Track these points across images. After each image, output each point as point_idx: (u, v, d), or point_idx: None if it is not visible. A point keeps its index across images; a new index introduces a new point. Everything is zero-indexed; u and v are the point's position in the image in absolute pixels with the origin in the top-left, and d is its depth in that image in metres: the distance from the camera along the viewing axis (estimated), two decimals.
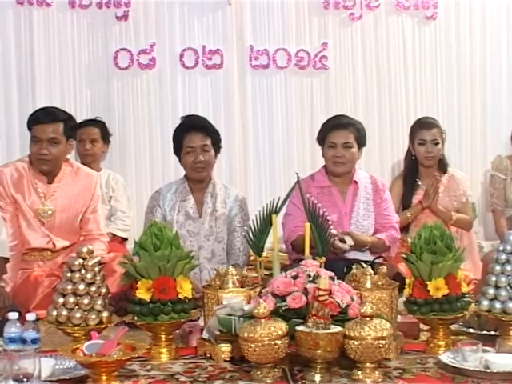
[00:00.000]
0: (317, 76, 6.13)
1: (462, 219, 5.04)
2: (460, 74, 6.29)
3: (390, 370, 2.98)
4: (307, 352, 2.80)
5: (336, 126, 4.43)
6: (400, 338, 3.21)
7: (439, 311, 3.19)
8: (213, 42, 6.01)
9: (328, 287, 2.87)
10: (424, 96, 6.25)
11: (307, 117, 6.09)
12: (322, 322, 2.79)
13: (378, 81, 6.17)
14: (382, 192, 4.50)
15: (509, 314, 3.16)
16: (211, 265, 4.21)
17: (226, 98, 6.03)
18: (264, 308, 2.82)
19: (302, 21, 6.11)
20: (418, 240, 3.25)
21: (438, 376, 2.92)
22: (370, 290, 3.15)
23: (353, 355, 2.80)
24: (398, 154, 6.01)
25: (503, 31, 6.32)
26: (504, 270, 3.22)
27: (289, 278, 3.05)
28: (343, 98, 6.12)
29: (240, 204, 4.39)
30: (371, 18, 6.18)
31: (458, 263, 3.25)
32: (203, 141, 4.28)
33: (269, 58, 6.05)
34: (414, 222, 4.97)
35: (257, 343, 2.76)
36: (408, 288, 3.28)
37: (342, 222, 4.39)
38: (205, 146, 4.27)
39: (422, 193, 5.01)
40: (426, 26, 6.23)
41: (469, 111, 6.31)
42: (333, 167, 4.44)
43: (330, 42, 6.13)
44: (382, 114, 6.17)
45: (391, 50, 6.19)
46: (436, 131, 5.05)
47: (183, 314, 3.16)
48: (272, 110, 6.07)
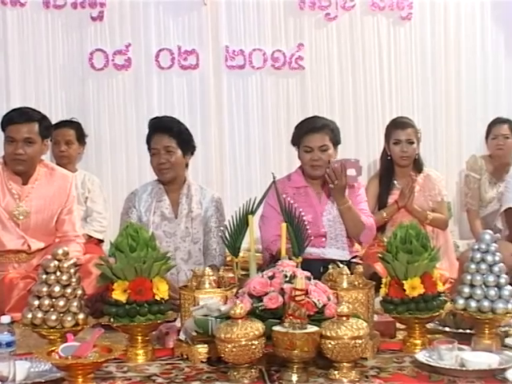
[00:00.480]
0: (293, 76, 6.14)
1: (437, 218, 5.07)
2: (435, 73, 6.33)
3: (367, 369, 2.99)
4: (284, 352, 2.80)
5: (311, 130, 4.43)
6: (376, 338, 3.22)
7: (415, 310, 3.19)
8: (188, 42, 6.01)
9: (304, 287, 2.87)
10: (399, 96, 6.28)
11: (283, 117, 6.10)
12: (298, 322, 2.79)
13: (354, 81, 6.19)
14: (356, 190, 4.52)
15: (484, 313, 3.17)
16: (188, 266, 4.20)
17: (201, 99, 6.02)
18: (241, 308, 2.82)
19: (278, 21, 6.13)
20: (393, 239, 3.25)
21: (415, 375, 2.93)
22: (346, 290, 3.15)
23: (329, 355, 2.80)
24: (373, 154, 6.03)
25: (477, 31, 6.38)
26: (479, 269, 3.23)
27: (265, 278, 3.05)
28: (319, 99, 6.14)
29: (216, 204, 4.38)
30: (346, 18, 6.20)
31: (434, 262, 3.26)
32: (167, 142, 4.25)
33: (244, 58, 6.06)
34: (389, 222, 4.99)
35: (233, 344, 2.76)
36: (384, 287, 3.29)
37: (317, 222, 4.41)
38: (169, 148, 4.25)
39: (397, 192, 5.03)
40: (401, 26, 6.27)
41: (444, 111, 6.35)
42: (310, 171, 4.46)
43: (306, 42, 6.15)
44: (357, 114, 6.20)
45: (367, 50, 6.22)
46: (411, 131, 5.07)
47: (160, 316, 3.14)
48: (248, 111, 6.07)
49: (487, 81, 6.43)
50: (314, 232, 4.30)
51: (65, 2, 5.85)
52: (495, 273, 3.22)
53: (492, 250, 3.25)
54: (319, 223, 4.42)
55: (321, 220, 4.43)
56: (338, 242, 4.47)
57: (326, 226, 4.43)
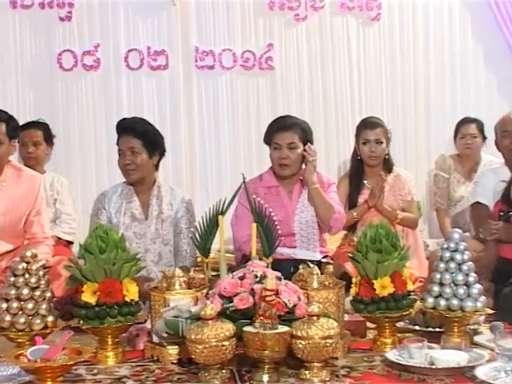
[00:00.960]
0: (262, 76, 6.16)
1: (407, 218, 5.09)
2: (404, 74, 6.38)
3: (338, 368, 2.99)
4: (255, 352, 2.80)
5: (281, 128, 4.46)
6: (347, 337, 3.23)
7: (385, 309, 3.21)
8: (158, 42, 6.00)
9: (275, 287, 2.87)
10: (369, 96, 6.32)
11: (253, 117, 6.11)
12: (269, 323, 2.79)
13: (324, 81, 6.22)
14: (327, 186, 4.54)
15: (453, 311, 3.19)
16: (158, 267, 4.18)
17: (171, 99, 6.02)
18: (211, 309, 2.81)
19: (248, 21, 6.14)
20: (363, 239, 3.27)
21: (385, 373, 2.94)
22: (316, 290, 3.15)
23: (300, 355, 2.80)
24: (343, 154, 6.07)
25: (446, 31, 6.44)
26: (448, 268, 3.25)
27: (236, 278, 3.05)
28: (289, 99, 6.16)
29: (186, 206, 4.36)
30: (316, 18, 6.24)
31: (404, 261, 3.27)
32: (132, 143, 4.22)
33: (214, 58, 6.06)
34: (360, 222, 4.99)
35: (204, 345, 2.75)
36: (354, 287, 3.30)
37: (288, 221, 4.42)
38: (133, 149, 4.22)
39: (367, 192, 5.04)
40: (370, 26, 6.31)
41: (413, 111, 6.41)
42: (279, 170, 4.47)
43: (276, 42, 6.17)
44: (327, 115, 6.23)
45: (336, 51, 6.25)
46: (380, 131, 5.08)
47: (130, 317, 3.12)
48: (218, 111, 6.07)
49: (455, 80, 6.49)
50: (285, 231, 4.32)
51: (32, 2, 5.81)
52: (464, 271, 3.24)
53: (461, 248, 3.28)
54: (290, 222, 4.43)
55: (292, 219, 4.45)
56: (310, 244, 4.49)
57: (297, 225, 4.45)
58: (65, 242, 5.18)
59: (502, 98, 6.52)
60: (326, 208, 4.42)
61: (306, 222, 4.47)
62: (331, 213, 4.42)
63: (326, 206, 4.42)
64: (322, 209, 4.43)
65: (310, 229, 4.48)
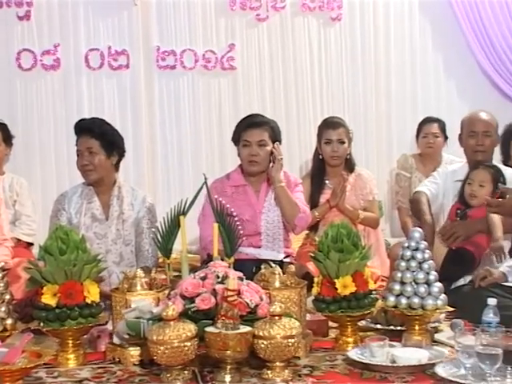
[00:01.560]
0: (224, 77, 6.15)
1: (368, 217, 5.11)
2: (365, 73, 6.42)
3: (300, 368, 3.00)
4: (217, 353, 2.79)
5: (250, 125, 4.48)
6: (309, 336, 3.24)
7: (347, 308, 3.22)
8: (119, 42, 5.96)
9: (237, 287, 2.86)
10: (330, 96, 6.35)
11: (215, 117, 6.10)
12: (231, 323, 2.78)
13: (285, 81, 6.24)
14: (293, 186, 4.56)
15: (414, 309, 3.22)
16: (120, 268, 4.14)
17: (132, 99, 5.99)
18: (173, 310, 2.79)
19: (209, 22, 6.13)
20: (325, 239, 3.28)
21: (347, 372, 2.95)
22: (278, 290, 3.15)
23: (262, 355, 2.80)
24: (305, 154, 6.08)
25: (406, 31, 6.50)
26: (409, 267, 3.27)
27: (197, 279, 3.03)
28: (251, 99, 6.16)
29: (147, 206, 4.34)
30: (277, 18, 6.25)
31: (365, 261, 3.29)
32: (89, 144, 4.20)
33: (176, 58, 6.05)
34: (322, 221, 5.01)
35: (166, 345, 2.73)
36: (316, 286, 3.31)
37: (255, 220, 4.44)
38: (91, 149, 4.19)
39: (329, 192, 5.05)
40: (331, 26, 6.34)
41: (374, 110, 6.44)
42: (248, 166, 4.48)
43: (237, 42, 6.17)
44: (289, 115, 6.24)
45: (297, 51, 6.27)
46: (342, 131, 5.09)
47: (91, 319, 3.09)
48: (179, 111, 6.06)
49: (416, 80, 6.55)
50: (252, 230, 4.37)
51: None
52: (425, 270, 3.27)
53: (422, 247, 3.30)
54: (257, 222, 4.45)
55: (259, 218, 4.47)
56: (275, 244, 4.49)
57: (263, 224, 4.46)
58: (25, 244, 5.12)
59: (461, 98, 6.59)
60: (291, 207, 4.43)
61: (273, 221, 4.48)
62: (296, 212, 4.43)
63: (292, 204, 4.43)
64: (288, 207, 4.44)
65: (275, 228, 4.49)
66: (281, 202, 4.45)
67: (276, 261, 3.92)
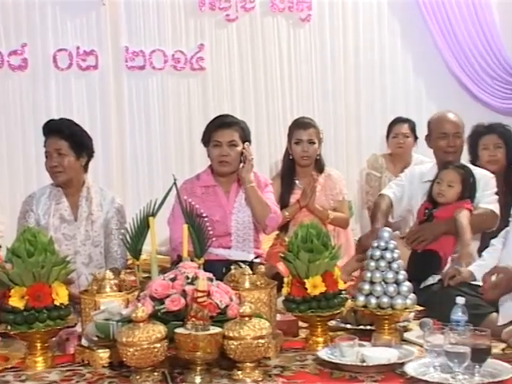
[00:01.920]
0: (194, 77, 6.15)
1: (338, 217, 5.13)
2: (335, 74, 6.44)
3: (270, 368, 2.99)
4: (187, 354, 2.78)
5: (221, 125, 4.47)
6: (279, 337, 3.24)
7: (317, 308, 3.23)
8: (87, 42, 5.93)
9: (206, 288, 2.86)
10: (300, 96, 6.37)
11: (185, 118, 6.09)
12: (201, 324, 2.77)
13: (255, 81, 6.24)
14: (263, 186, 4.57)
15: (383, 309, 3.23)
16: (89, 270, 4.12)
17: (101, 100, 5.96)
18: (142, 311, 2.78)
19: (178, 22, 6.12)
20: (295, 239, 3.28)
21: (317, 372, 2.95)
22: (248, 290, 3.15)
23: (233, 355, 2.80)
24: (275, 155, 6.09)
25: (375, 32, 6.53)
26: (378, 266, 3.28)
27: (167, 280, 3.02)
28: (220, 99, 6.16)
29: (117, 207, 4.31)
30: (247, 19, 6.25)
31: (335, 260, 3.30)
32: (58, 145, 4.17)
33: (145, 59, 6.03)
34: (292, 222, 5.01)
35: (135, 347, 2.72)
36: (286, 287, 3.31)
37: (226, 221, 4.44)
38: (60, 150, 4.16)
39: (299, 192, 5.06)
40: (300, 27, 6.36)
41: (344, 111, 6.47)
42: (219, 167, 4.47)
43: (207, 42, 6.17)
44: (258, 115, 6.24)
45: (267, 51, 6.28)
46: (312, 131, 5.11)
47: (59, 321, 3.07)
48: (149, 112, 6.04)
49: (385, 81, 6.58)
50: (222, 231, 4.37)
51: None
52: (394, 269, 3.28)
53: (391, 247, 3.32)
54: (228, 222, 4.45)
55: (230, 219, 4.46)
56: (245, 245, 4.49)
57: (233, 225, 4.46)
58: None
59: (429, 98, 6.64)
60: (261, 207, 4.44)
61: (243, 222, 4.48)
62: (267, 212, 4.44)
63: (262, 205, 4.44)
64: (258, 208, 4.44)
65: (246, 229, 4.49)
66: (251, 202, 4.45)
67: (246, 261, 3.92)
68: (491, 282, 3.33)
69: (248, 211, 4.48)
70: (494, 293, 3.29)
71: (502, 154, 5.02)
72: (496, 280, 3.32)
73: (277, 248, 4.80)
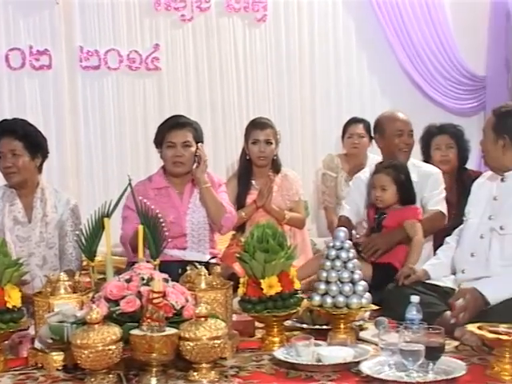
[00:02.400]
0: (149, 77, 6.12)
1: (294, 218, 5.14)
2: (290, 74, 6.46)
3: (226, 368, 2.99)
4: (142, 356, 2.77)
5: (174, 126, 4.46)
6: (235, 337, 3.23)
7: (273, 308, 3.23)
8: (40, 42, 5.86)
9: (162, 289, 2.84)
10: (256, 97, 6.37)
11: (140, 118, 6.06)
12: (156, 325, 2.76)
13: (211, 82, 6.23)
14: (217, 186, 4.56)
15: (339, 308, 3.24)
16: (43, 271, 4.08)
17: (55, 100, 5.90)
18: (97, 313, 2.75)
19: (133, 21, 6.08)
20: (250, 239, 3.28)
21: (273, 372, 2.96)
22: (204, 291, 3.15)
23: (188, 356, 2.79)
24: (231, 155, 6.09)
25: (330, 32, 6.56)
26: (334, 266, 3.29)
27: (122, 281, 3.00)
28: (176, 99, 6.14)
29: (71, 208, 4.28)
30: (202, 19, 6.24)
31: (291, 261, 3.31)
32: (12, 146, 4.12)
33: (100, 59, 5.98)
34: (248, 222, 5.01)
35: (90, 349, 2.69)
36: (242, 287, 3.31)
37: (180, 222, 4.42)
38: (14, 151, 4.12)
39: (256, 192, 5.07)
40: (256, 27, 6.36)
41: (299, 111, 6.49)
42: (173, 168, 4.45)
43: (162, 43, 6.14)
44: (214, 115, 6.24)
45: (223, 52, 6.27)
46: (270, 131, 5.11)
47: (12, 324, 3.02)
48: (104, 112, 5.99)
49: (340, 81, 6.62)
50: (177, 232, 4.34)
51: None
52: (349, 269, 3.29)
53: (346, 246, 3.33)
54: (182, 223, 4.43)
55: (184, 220, 4.45)
56: (201, 246, 4.49)
57: (188, 225, 4.45)
58: None
59: (384, 97, 6.69)
60: (217, 207, 4.43)
61: (198, 222, 4.47)
62: (222, 212, 4.44)
63: (217, 205, 4.43)
64: (213, 208, 4.44)
65: (201, 230, 4.49)
66: (206, 202, 4.44)
67: (202, 262, 3.91)
68: (459, 305, 3.35)
69: (203, 212, 4.47)
70: (464, 316, 3.31)
71: (453, 154, 5.09)
72: (463, 302, 3.34)
73: (233, 248, 4.80)
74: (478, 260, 3.64)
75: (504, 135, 3.60)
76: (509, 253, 3.52)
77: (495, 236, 3.58)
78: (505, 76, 6.83)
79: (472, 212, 3.80)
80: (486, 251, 3.61)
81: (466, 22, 6.76)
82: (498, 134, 3.63)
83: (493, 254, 3.57)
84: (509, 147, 3.60)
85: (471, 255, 3.68)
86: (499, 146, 3.62)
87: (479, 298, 3.33)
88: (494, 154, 3.67)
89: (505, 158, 3.63)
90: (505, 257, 3.53)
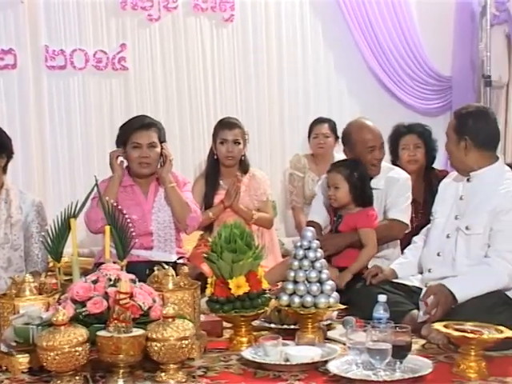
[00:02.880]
0: (116, 77, 6.07)
1: (262, 217, 5.14)
2: (258, 74, 6.45)
3: (194, 369, 2.99)
4: (109, 357, 2.75)
5: (140, 127, 4.44)
6: (203, 337, 3.23)
7: (241, 308, 3.24)
8: (5, 41, 5.78)
9: (129, 290, 2.83)
10: (224, 97, 6.36)
11: (107, 118, 6.01)
12: (123, 326, 2.75)
13: (178, 82, 6.21)
14: (182, 185, 4.56)
15: (307, 308, 3.25)
16: (8, 273, 4.03)
17: (20, 100, 5.83)
18: (63, 315, 2.73)
19: (100, 21, 6.03)
20: (218, 239, 3.28)
21: (241, 372, 2.96)
22: (172, 291, 3.13)
23: (156, 357, 2.78)
24: (199, 155, 6.07)
25: (298, 33, 6.57)
26: (302, 266, 3.30)
27: (89, 282, 2.98)
28: (143, 99, 6.10)
29: (37, 209, 4.24)
30: (169, 19, 6.21)
31: (258, 260, 3.31)
32: None
33: (65, 58, 5.92)
34: (216, 222, 5.00)
35: (56, 351, 2.67)
36: (210, 287, 3.31)
37: (145, 220, 4.43)
38: None
39: (223, 192, 5.06)
40: (223, 27, 6.35)
41: (267, 111, 6.49)
42: (139, 168, 4.44)
43: (129, 42, 6.10)
44: (182, 115, 6.21)
45: (190, 52, 6.25)
46: (238, 131, 5.10)
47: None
48: (70, 112, 5.93)
49: (308, 81, 6.63)
50: (142, 230, 4.34)
51: None
52: (317, 268, 3.30)
53: (314, 246, 3.34)
54: (148, 222, 4.43)
55: (149, 218, 4.45)
56: (167, 245, 4.48)
57: (154, 224, 4.45)
58: None
59: (352, 99, 6.72)
60: (182, 207, 4.43)
61: (164, 221, 4.47)
62: (187, 212, 4.43)
63: (183, 204, 4.43)
64: (179, 208, 4.43)
65: (167, 229, 4.48)
66: (172, 202, 4.44)
67: (169, 262, 3.90)
68: (431, 302, 3.37)
69: (168, 211, 4.47)
70: (437, 312, 3.33)
71: (421, 154, 5.11)
72: (435, 299, 3.36)
73: (201, 248, 4.79)
74: (444, 259, 3.67)
75: (465, 136, 3.64)
76: (475, 253, 3.55)
77: (461, 236, 3.61)
78: (470, 76, 6.88)
79: (439, 212, 3.83)
80: (452, 251, 3.64)
81: (431, 23, 6.81)
82: (460, 135, 3.66)
83: (459, 254, 3.60)
84: (470, 148, 3.64)
85: (438, 254, 3.71)
86: (461, 147, 3.65)
87: (448, 295, 3.35)
88: (458, 156, 3.70)
89: (468, 158, 3.66)
90: (471, 256, 3.56)
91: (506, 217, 3.49)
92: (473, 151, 3.64)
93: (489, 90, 6.72)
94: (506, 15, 6.69)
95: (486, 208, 3.54)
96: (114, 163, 4.44)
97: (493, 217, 3.51)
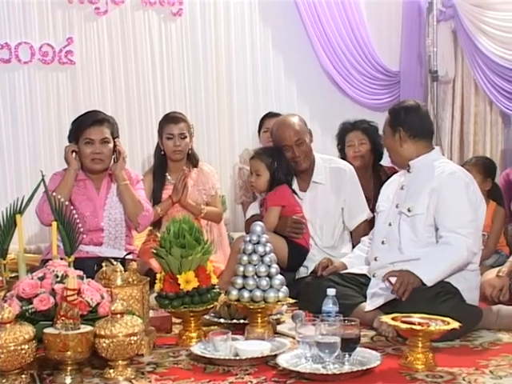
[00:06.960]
0: (63, 71, 5.99)
1: (211, 212, 5.13)
2: (207, 68, 6.43)
3: (143, 365, 2.98)
4: (57, 354, 2.72)
5: (93, 123, 4.41)
6: (152, 333, 3.22)
7: (190, 304, 3.24)
8: None
9: (77, 286, 2.80)
10: (172, 91, 6.32)
11: (54, 113, 5.93)
12: (71, 323, 2.72)
13: (126, 76, 6.15)
14: (135, 182, 4.55)
15: (256, 302, 3.26)
16: None
17: None
18: (9, 312, 2.69)
19: (45, 14, 5.94)
20: (167, 234, 3.27)
21: (190, 367, 2.96)
22: (120, 287, 3.11)
23: (104, 354, 2.76)
24: (148, 150, 6.04)
25: (247, 26, 6.55)
26: (251, 260, 3.31)
27: (35, 279, 2.94)
28: (91, 94, 6.03)
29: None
30: (117, 13, 6.14)
31: (207, 255, 3.31)
32: None
33: (10, 52, 5.82)
34: (165, 217, 4.97)
35: (1, 350, 2.63)
36: (159, 283, 3.30)
37: (97, 215, 4.41)
38: None
39: (171, 187, 5.03)
40: (172, 22, 6.30)
41: (216, 105, 6.47)
42: (92, 165, 4.42)
43: (76, 36, 6.02)
44: (130, 110, 6.16)
45: (138, 46, 6.20)
46: (183, 125, 5.08)
47: None
48: (15, 107, 5.84)
49: (257, 76, 6.62)
50: (93, 226, 4.35)
51: None
52: (266, 263, 3.31)
53: (263, 241, 3.34)
54: (99, 216, 4.42)
55: (101, 214, 4.43)
56: (117, 242, 4.47)
57: (105, 221, 4.43)
58: None
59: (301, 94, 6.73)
60: (134, 205, 4.41)
61: (115, 218, 4.45)
62: (140, 210, 4.41)
63: (135, 203, 4.41)
64: (131, 206, 4.41)
65: (118, 226, 4.47)
66: (124, 200, 4.41)
67: (118, 258, 3.87)
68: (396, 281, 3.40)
69: (120, 208, 4.44)
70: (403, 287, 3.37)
71: (366, 150, 5.15)
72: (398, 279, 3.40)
73: (149, 244, 4.76)
74: (389, 246, 3.74)
75: (399, 128, 3.76)
76: (420, 234, 3.62)
77: (404, 219, 3.69)
78: (418, 71, 6.95)
79: (381, 206, 3.92)
80: (396, 236, 3.71)
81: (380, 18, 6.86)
82: (394, 128, 3.79)
83: (404, 238, 3.67)
84: (405, 139, 3.75)
85: (382, 243, 3.79)
86: (396, 139, 3.78)
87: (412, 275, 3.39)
88: (394, 148, 3.82)
89: (403, 149, 3.77)
90: (416, 239, 3.63)
91: (445, 192, 3.58)
92: (408, 142, 3.75)
93: (436, 85, 6.81)
94: (452, 11, 6.77)
95: (426, 190, 3.63)
96: (69, 157, 4.39)
97: (434, 197, 3.59)
